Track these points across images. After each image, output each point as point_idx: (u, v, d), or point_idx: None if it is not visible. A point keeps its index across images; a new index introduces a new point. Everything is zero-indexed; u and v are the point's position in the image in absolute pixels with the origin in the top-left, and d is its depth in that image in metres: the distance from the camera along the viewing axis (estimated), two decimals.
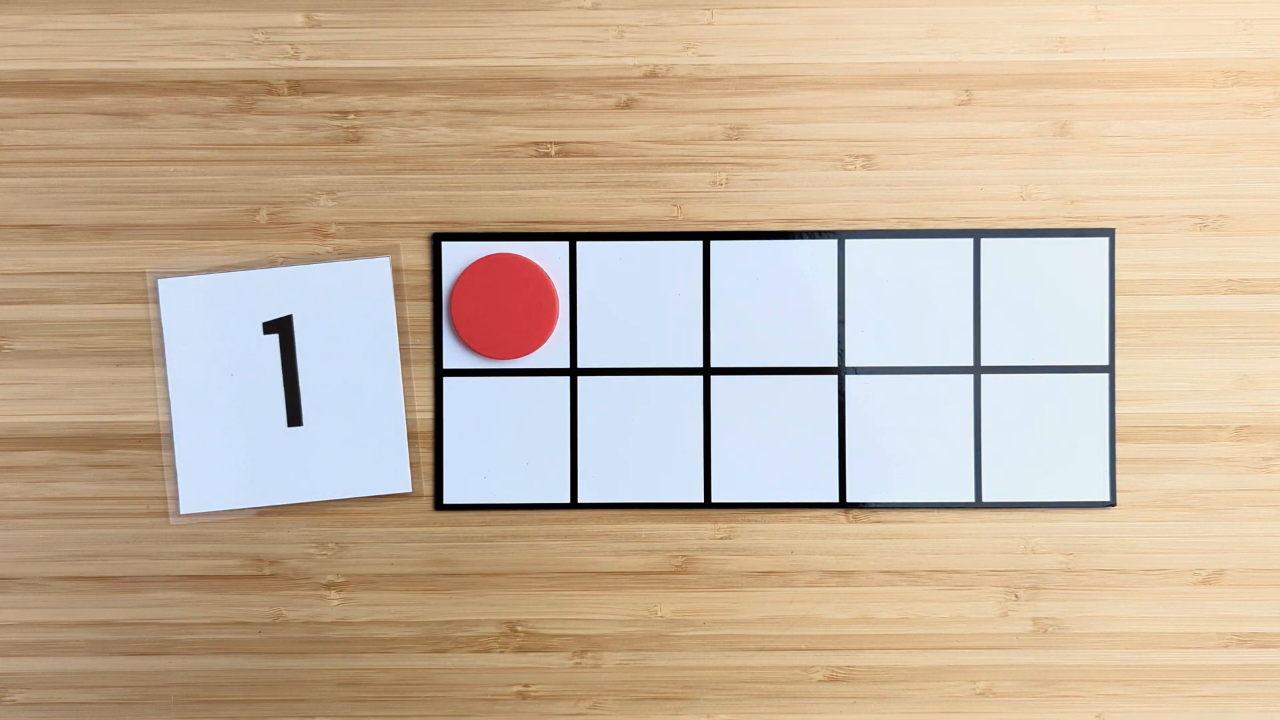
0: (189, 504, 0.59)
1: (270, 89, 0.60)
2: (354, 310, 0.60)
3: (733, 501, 0.60)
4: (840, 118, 0.60)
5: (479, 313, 0.59)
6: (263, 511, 0.60)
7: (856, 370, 0.60)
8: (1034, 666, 0.61)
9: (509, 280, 0.59)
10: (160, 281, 0.59)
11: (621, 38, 0.60)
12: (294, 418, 0.60)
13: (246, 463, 0.60)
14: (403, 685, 0.60)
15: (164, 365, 0.60)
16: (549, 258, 0.60)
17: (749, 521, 0.60)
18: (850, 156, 0.60)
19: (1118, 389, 0.60)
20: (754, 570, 0.60)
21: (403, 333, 0.60)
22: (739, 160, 0.60)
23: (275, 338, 0.60)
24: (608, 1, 0.60)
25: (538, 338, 0.59)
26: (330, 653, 0.60)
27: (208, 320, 0.59)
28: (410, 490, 0.60)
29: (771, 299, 0.60)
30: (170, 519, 0.60)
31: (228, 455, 0.60)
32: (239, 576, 0.60)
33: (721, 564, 0.60)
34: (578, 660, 0.61)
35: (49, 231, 0.60)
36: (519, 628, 0.61)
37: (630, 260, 0.60)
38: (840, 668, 0.60)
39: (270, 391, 0.60)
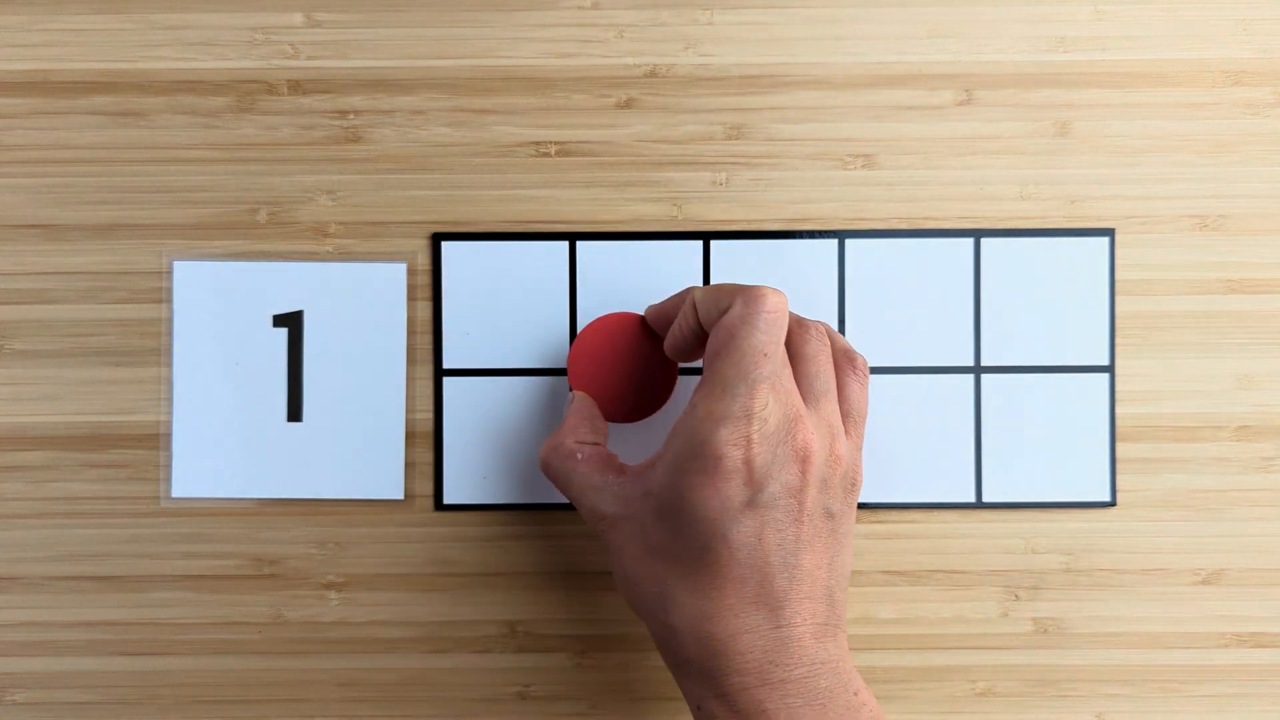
0: (181, 488, 0.59)
1: (270, 89, 0.60)
2: (364, 313, 0.60)
3: None
4: (840, 118, 0.60)
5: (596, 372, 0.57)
6: (261, 507, 0.60)
7: None
8: (1034, 666, 0.61)
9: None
10: (175, 263, 0.59)
11: (621, 38, 0.60)
12: (294, 413, 0.60)
13: (242, 453, 0.59)
14: (403, 685, 0.60)
15: (169, 349, 0.59)
16: (549, 258, 0.60)
17: None
18: (850, 156, 0.60)
19: (1118, 389, 0.60)
20: None
21: (407, 333, 0.60)
22: (739, 160, 0.60)
23: (284, 331, 0.60)
24: (608, 1, 0.60)
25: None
26: (330, 653, 0.60)
27: (218, 307, 0.59)
28: (402, 498, 0.60)
29: None
30: (161, 501, 0.60)
31: (224, 444, 0.59)
32: (239, 576, 0.60)
33: None
34: (578, 660, 0.61)
35: (49, 231, 0.60)
36: (519, 628, 0.61)
37: (630, 260, 0.60)
38: None
39: (273, 385, 0.60)
